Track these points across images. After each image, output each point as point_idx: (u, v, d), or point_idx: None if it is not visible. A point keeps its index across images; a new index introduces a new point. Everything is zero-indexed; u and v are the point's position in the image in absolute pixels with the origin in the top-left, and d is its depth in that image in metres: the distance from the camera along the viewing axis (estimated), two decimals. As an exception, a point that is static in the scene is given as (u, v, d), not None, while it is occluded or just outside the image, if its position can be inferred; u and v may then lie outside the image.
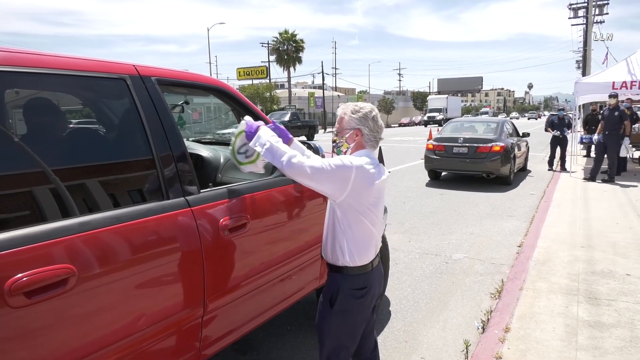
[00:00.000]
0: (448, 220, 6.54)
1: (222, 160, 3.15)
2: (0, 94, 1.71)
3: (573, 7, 30.23)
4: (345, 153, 1.93)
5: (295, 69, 45.56)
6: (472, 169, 9.39)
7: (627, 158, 10.35)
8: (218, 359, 2.26)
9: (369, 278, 1.93)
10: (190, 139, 3.61)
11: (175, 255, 1.83)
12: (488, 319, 3.35)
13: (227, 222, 2.04)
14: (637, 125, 11.81)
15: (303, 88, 68.83)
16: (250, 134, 2.06)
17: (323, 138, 24.82)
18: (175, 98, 3.35)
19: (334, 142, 2.00)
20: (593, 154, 12.91)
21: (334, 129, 2.02)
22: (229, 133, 2.28)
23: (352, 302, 1.90)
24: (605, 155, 9.20)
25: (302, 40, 44.16)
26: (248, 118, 2.17)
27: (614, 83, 9.56)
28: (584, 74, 25.46)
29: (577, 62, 41.14)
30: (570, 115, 11.33)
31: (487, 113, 69.18)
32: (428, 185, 9.50)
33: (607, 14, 28.31)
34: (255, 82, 42.64)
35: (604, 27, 28.66)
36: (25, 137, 1.76)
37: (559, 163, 11.19)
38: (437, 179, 10.16)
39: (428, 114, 51.34)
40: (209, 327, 2.02)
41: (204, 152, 3.18)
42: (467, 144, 9.26)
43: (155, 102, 1.96)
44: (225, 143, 3.32)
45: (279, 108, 36.86)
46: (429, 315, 3.54)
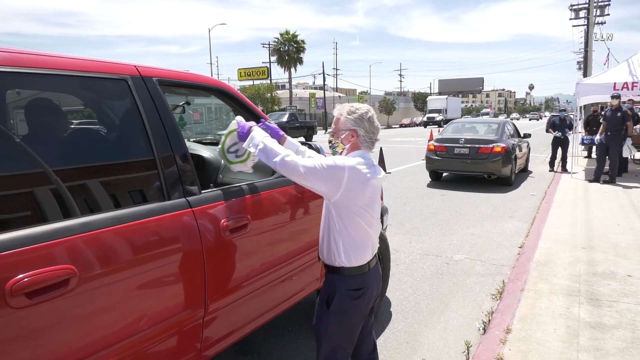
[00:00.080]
0: (449, 221, 6.53)
1: (223, 161, 3.15)
2: (2, 95, 1.72)
3: (574, 8, 30.22)
4: (341, 154, 1.93)
5: (296, 70, 45.64)
6: (473, 170, 9.38)
7: (628, 159, 10.33)
8: (219, 360, 2.26)
9: (366, 279, 1.92)
10: (191, 140, 3.61)
11: (177, 256, 1.83)
12: (489, 320, 3.35)
13: (228, 222, 2.04)
14: (638, 126, 11.78)
15: (304, 89, 68.91)
16: (243, 135, 2.09)
17: (323, 139, 24.76)
18: (177, 98, 3.35)
19: (330, 142, 2.01)
20: (594, 155, 12.92)
21: (330, 130, 2.03)
22: (224, 134, 2.29)
23: (348, 302, 1.89)
24: (607, 156, 9.19)
25: (303, 41, 44.17)
26: (239, 118, 2.19)
27: (615, 84, 9.55)
28: (585, 75, 25.43)
29: (578, 63, 41.15)
30: (572, 116, 11.30)
31: (487, 114, 69.19)
32: (429, 186, 9.50)
33: (608, 15, 28.30)
34: (256, 82, 42.67)
35: (605, 27, 28.61)
36: (27, 137, 1.77)
37: (560, 164, 11.18)
38: (438, 180, 10.15)
39: (427, 115, 51.22)
40: (210, 327, 2.02)
41: (205, 152, 3.18)
42: (468, 145, 9.25)
43: (157, 102, 1.96)
44: None
45: (280, 109, 36.87)
46: (430, 316, 3.53)
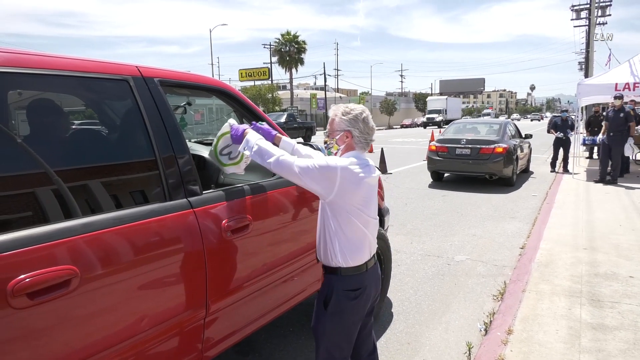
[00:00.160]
0: (450, 222, 6.53)
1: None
2: (4, 95, 1.72)
3: (575, 8, 30.26)
4: (336, 154, 1.94)
5: (297, 70, 45.69)
6: (474, 170, 9.38)
7: (629, 159, 10.31)
8: (220, 361, 2.26)
9: (364, 279, 1.92)
10: (193, 140, 3.61)
11: (178, 257, 1.82)
12: (490, 321, 3.34)
13: (229, 223, 2.04)
14: (640, 127, 11.76)
15: (305, 89, 68.97)
16: (237, 137, 2.14)
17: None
18: (178, 99, 3.35)
19: (325, 143, 2.02)
20: (595, 156, 12.91)
21: (326, 131, 2.04)
22: (216, 136, 2.32)
23: (346, 303, 1.90)
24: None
25: (304, 42, 44.21)
26: (232, 121, 2.21)
27: (617, 85, 9.54)
28: (587, 76, 25.42)
29: (579, 63, 41.18)
30: (573, 117, 11.28)
31: (489, 114, 69.12)
32: (430, 187, 9.49)
33: (609, 15, 28.31)
34: (257, 83, 42.73)
35: (606, 28, 28.62)
36: (29, 138, 1.77)
37: (562, 165, 11.17)
38: (439, 180, 10.15)
39: (427, 116, 51.17)
40: (211, 328, 2.01)
41: (206, 153, 3.18)
42: (469, 145, 9.25)
43: (158, 103, 1.96)
44: None
45: (281, 109, 36.88)
46: (431, 317, 3.53)
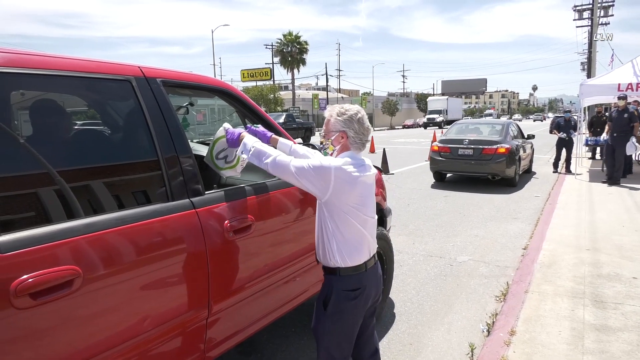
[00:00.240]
0: (452, 223, 6.51)
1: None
2: (7, 96, 1.72)
3: (578, 8, 30.19)
4: (332, 155, 1.94)
5: (299, 71, 45.72)
6: (477, 171, 9.36)
7: (632, 160, 10.27)
8: (222, 361, 2.26)
9: (363, 279, 1.92)
10: (195, 140, 3.62)
11: (180, 257, 1.82)
12: (493, 322, 3.33)
13: (232, 223, 2.04)
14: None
15: (307, 90, 68.95)
16: (233, 141, 2.15)
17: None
18: (180, 99, 3.36)
19: (321, 144, 2.02)
20: (598, 156, 12.87)
21: (321, 131, 2.03)
22: (212, 140, 2.33)
23: (345, 303, 1.90)
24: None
25: (306, 42, 44.24)
26: (227, 125, 2.22)
27: (620, 85, 9.50)
28: (589, 76, 25.36)
29: (582, 63, 41.10)
30: (576, 117, 11.25)
31: (491, 115, 69.03)
32: (432, 187, 9.48)
33: (612, 16, 28.24)
34: (259, 83, 42.80)
35: (609, 28, 28.59)
36: (31, 138, 1.77)
37: (564, 165, 11.14)
38: (441, 181, 10.14)
39: (427, 116, 51.01)
40: (214, 328, 2.01)
41: None
42: (472, 146, 9.24)
43: (161, 103, 1.96)
44: None
45: (283, 110, 36.90)
46: (434, 318, 3.52)
